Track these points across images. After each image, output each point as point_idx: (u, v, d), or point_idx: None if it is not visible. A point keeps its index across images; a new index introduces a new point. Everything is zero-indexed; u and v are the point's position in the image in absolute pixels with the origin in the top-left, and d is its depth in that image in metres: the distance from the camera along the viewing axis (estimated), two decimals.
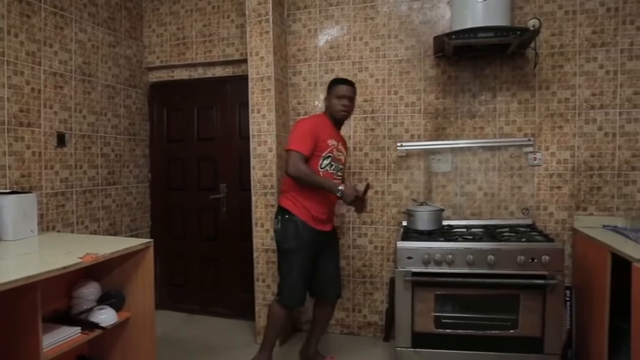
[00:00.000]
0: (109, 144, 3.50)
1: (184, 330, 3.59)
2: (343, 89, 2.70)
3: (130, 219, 3.75)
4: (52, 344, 1.96)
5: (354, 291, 3.44)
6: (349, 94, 2.71)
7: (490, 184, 3.17)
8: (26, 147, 2.79)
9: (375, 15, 3.32)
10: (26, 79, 2.79)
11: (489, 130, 3.16)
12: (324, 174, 2.64)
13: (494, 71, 3.13)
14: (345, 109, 2.71)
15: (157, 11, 3.87)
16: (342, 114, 2.72)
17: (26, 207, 2.45)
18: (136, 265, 2.40)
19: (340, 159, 2.77)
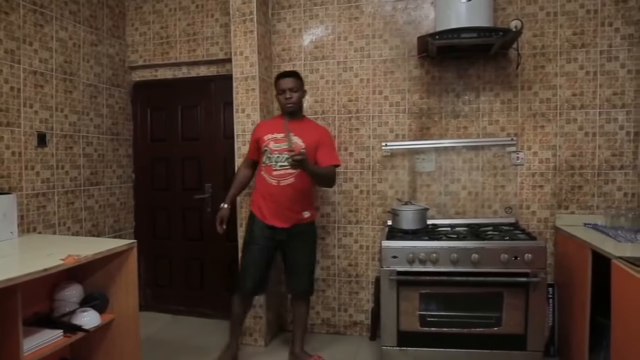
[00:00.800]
0: (92, 144, 3.45)
1: (168, 331, 3.56)
2: (282, 82, 2.80)
3: (114, 219, 3.71)
4: (33, 348, 1.93)
5: (339, 290, 3.44)
6: (289, 86, 2.78)
7: (474, 183, 3.20)
8: (5, 147, 2.74)
9: (359, 15, 3.33)
10: (5, 77, 2.74)
11: (473, 130, 3.19)
12: (265, 168, 2.79)
13: (478, 71, 3.17)
14: (288, 100, 2.78)
15: (140, 9, 3.83)
16: (288, 106, 2.79)
17: (6, 208, 2.40)
18: (120, 267, 2.37)
19: (286, 149, 2.67)
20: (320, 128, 2.94)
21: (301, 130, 2.79)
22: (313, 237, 2.96)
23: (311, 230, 2.94)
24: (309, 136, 2.78)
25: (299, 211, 2.81)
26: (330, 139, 2.92)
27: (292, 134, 2.73)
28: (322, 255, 3.45)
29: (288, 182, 2.73)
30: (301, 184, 2.74)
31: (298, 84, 2.82)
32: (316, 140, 2.78)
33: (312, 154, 2.72)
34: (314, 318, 3.49)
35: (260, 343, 3.27)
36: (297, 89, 2.80)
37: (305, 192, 2.81)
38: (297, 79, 2.83)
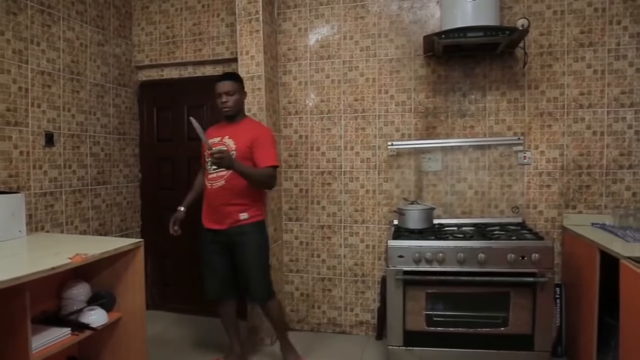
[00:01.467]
0: (99, 144, 3.47)
1: (175, 330, 3.57)
2: (218, 86, 2.72)
3: (120, 218, 3.72)
4: (42, 346, 1.94)
5: (345, 290, 3.44)
6: (224, 90, 2.70)
7: (481, 183, 3.19)
8: (14, 146, 2.76)
9: (365, 15, 3.32)
10: (13, 77, 2.75)
11: (479, 129, 3.18)
12: (205, 174, 2.80)
13: (484, 70, 3.15)
14: (224, 105, 2.71)
15: (146, 9, 3.84)
16: (224, 110, 2.73)
17: (14, 207, 2.42)
18: (126, 266, 2.38)
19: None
20: (258, 128, 2.80)
21: (236, 132, 2.72)
22: (256, 239, 2.75)
23: (253, 232, 2.74)
24: (243, 137, 2.69)
25: (234, 213, 2.69)
26: (266, 138, 2.73)
27: (227, 137, 2.71)
28: (329, 255, 3.45)
29: (219, 184, 2.69)
30: (233, 185, 2.65)
31: (235, 87, 2.72)
32: (250, 140, 2.67)
33: (248, 156, 2.66)
34: (320, 317, 3.50)
35: (266, 342, 3.28)
36: (234, 92, 2.70)
37: (239, 194, 2.67)
38: (235, 82, 2.74)
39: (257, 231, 2.78)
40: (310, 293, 3.52)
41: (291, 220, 3.54)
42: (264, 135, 2.74)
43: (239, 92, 2.76)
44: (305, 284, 3.53)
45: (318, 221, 3.47)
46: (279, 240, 3.46)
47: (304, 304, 3.54)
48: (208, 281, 2.85)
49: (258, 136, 2.70)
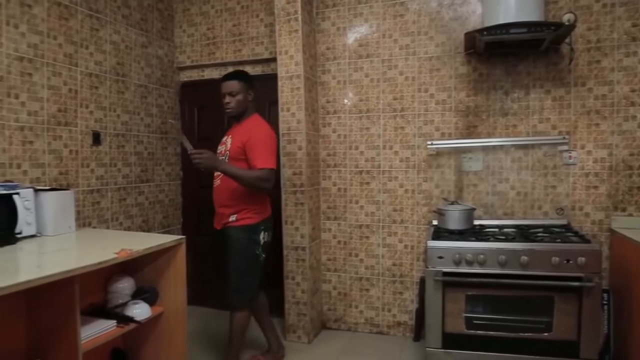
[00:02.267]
0: (142, 143, 3.57)
1: (214, 326, 3.64)
2: (222, 86, 2.68)
3: (163, 215, 3.82)
4: (89, 337, 2.01)
5: (383, 290, 3.42)
6: (227, 90, 2.66)
7: (523, 183, 3.10)
8: (64, 145, 2.87)
9: (404, 12, 3.29)
10: (64, 79, 2.87)
11: (522, 129, 3.09)
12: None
13: (527, 68, 3.06)
14: (227, 106, 2.67)
15: (187, 12, 3.93)
16: (227, 111, 2.70)
17: (64, 203, 2.52)
18: (169, 262, 2.44)
19: (220, 152, 2.73)
20: (255, 128, 2.65)
21: (237, 132, 2.69)
22: (237, 243, 2.65)
23: (237, 235, 2.64)
24: (239, 137, 2.64)
25: (227, 213, 2.67)
26: (260, 139, 2.59)
27: (230, 137, 2.70)
28: (367, 254, 3.44)
29: (217, 183, 2.71)
30: (226, 186, 2.63)
31: (239, 87, 2.66)
32: (243, 141, 2.59)
33: (240, 156, 2.60)
34: (357, 317, 3.49)
35: (303, 340, 3.29)
36: (237, 92, 2.65)
37: (231, 195, 2.63)
38: (240, 81, 2.67)
39: (242, 235, 2.65)
40: (347, 292, 3.52)
41: (329, 220, 3.54)
42: (258, 136, 2.61)
43: (243, 92, 2.68)
44: (343, 283, 3.53)
45: (356, 220, 3.47)
46: (317, 239, 3.47)
47: (341, 303, 3.54)
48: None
49: (251, 137, 2.59)
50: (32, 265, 1.95)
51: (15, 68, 2.56)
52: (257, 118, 2.77)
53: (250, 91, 2.73)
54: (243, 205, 2.65)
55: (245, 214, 2.66)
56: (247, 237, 2.66)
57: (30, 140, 2.65)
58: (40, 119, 2.71)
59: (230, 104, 2.67)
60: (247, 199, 2.64)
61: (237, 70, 2.86)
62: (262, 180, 2.54)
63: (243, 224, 2.65)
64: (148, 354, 2.55)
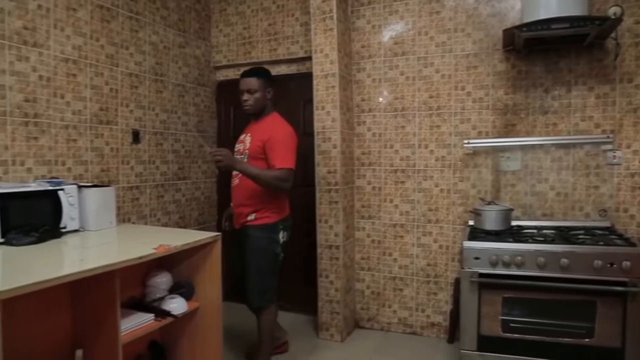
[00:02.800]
0: (179, 141, 3.65)
1: (248, 322, 3.66)
2: (241, 83, 2.68)
3: (199, 212, 3.90)
4: (129, 329, 2.07)
5: (417, 290, 3.38)
6: (245, 87, 2.65)
7: (564, 184, 3.00)
8: (105, 143, 2.97)
9: (440, 9, 3.24)
10: (106, 79, 2.96)
11: (563, 127, 2.99)
12: None
13: (569, 64, 2.97)
14: (245, 103, 2.67)
15: (224, 12, 3.98)
16: (245, 109, 2.69)
17: (106, 199, 2.60)
18: (205, 258, 2.48)
19: (238, 150, 2.74)
20: (275, 127, 2.65)
21: (255, 130, 2.70)
22: (257, 242, 2.65)
23: (256, 235, 2.65)
24: (257, 136, 2.63)
25: (245, 213, 2.68)
26: (280, 139, 2.58)
27: (248, 135, 2.71)
28: (400, 254, 3.41)
29: (235, 182, 2.72)
30: (244, 185, 2.63)
31: (259, 84, 2.65)
32: (263, 140, 2.59)
33: (259, 155, 2.61)
34: (391, 316, 3.47)
35: (336, 338, 3.30)
36: (256, 89, 2.64)
37: (250, 194, 2.63)
38: (259, 78, 2.66)
39: (261, 234, 2.66)
40: (381, 292, 3.50)
41: (363, 218, 3.53)
42: (278, 135, 2.59)
43: (263, 89, 2.67)
44: (376, 282, 3.51)
45: (390, 220, 3.44)
46: (351, 238, 3.46)
47: (375, 302, 3.52)
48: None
49: (271, 136, 2.58)
50: (76, 259, 2.02)
51: (62, 69, 2.66)
52: (277, 116, 2.76)
53: (269, 89, 2.71)
54: (262, 205, 2.65)
55: (264, 213, 2.66)
56: (266, 237, 2.66)
57: (74, 139, 2.75)
58: (83, 118, 2.81)
59: (248, 102, 2.66)
60: (266, 198, 2.64)
61: (257, 67, 2.86)
62: (281, 180, 2.53)
63: (262, 223, 2.66)
64: (184, 347, 2.60)
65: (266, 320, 2.74)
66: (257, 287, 2.68)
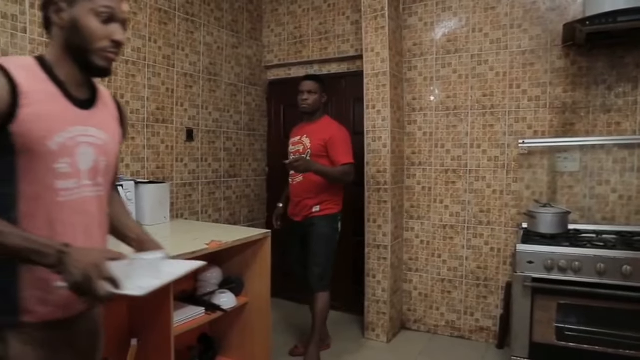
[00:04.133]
0: (231, 139, 3.74)
1: (295, 318, 3.72)
2: (302, 84, 2.97)
3: (248, 210, 3.98)
4: (181, 321, 2.15)
5: (466, 293, 3.31)
6: (307, 88, 2.94)
7: (627, 186, 2.84)
8: (161, 141, 3.08)
9: (496, 5, 3.14)
10: (162, 80, 3.08)
11: (627, 126, 2.83)
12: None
13: (636, 59, 2.79)
14: (304, 102, 2.94)
15: (275, 12, 4.04)
16: (303, 106, 2.96)
17: (161, 195, 2.71)
18: (255, 254, 2.54)
19: (297, 150, 2.97)
20: (333, 126, 2.96)
21: (313, 131, 2.95)
22: (324, 231, 2.91)
23: (322, 225, 2.91)
24: (318, 137, 2.90)
25: (309, 206, 2.92)
26: (341, 137, 2.90)
27: (305, 136, 2.96)
28: (450, 256, 3.35)
29: (298, 180, 2.95)
30: (309, 181, 2.87)
31: (317, 87, 2.95)
32: (325, 140, 2.87)
33: (321, 153, 2.87)
34: (438, 319, 3.41)
35: (382, 339, 3.28)
36: (315, 91, 2.94)
37: (314, 189, 2.89)
38: (317, 83, 2.97)
39: (326, 224, 2.93)
40: (429, 293, 3.45)
41: (412, 219, 3.49)
42: (339, 135, 2.91)
43: (320, 92, 2.97)
44: (424, 283, 3.46)
45: (440, 220, 3.38)
46: (399, 238, 3.43)
47: (422, 304, 3.47)
48: (292, 268, 3.12)
49: (332, 135, 2.88)
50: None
51: (122, 70, 2.79)
52: (330, 118, 3.07)
53: (324, 94, 3.02)
54: (325, 197, 2.92)
55: (327, 205, 2.93)
56: (330, 226, 2.94)
57: (133, 137, 2.88)
58: (141, 117, 2.93)
59: (307, 101, 2.95)
60: (329, 191, 2.93)
61: (316, 74, 3.24)
62: (347, 174, 2.88)
63: (326, 214, 2.93)
64: (233, 341, 2.67)
65: (322, 304, 2.93)
66: (321, 272, 2.92)
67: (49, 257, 0.98)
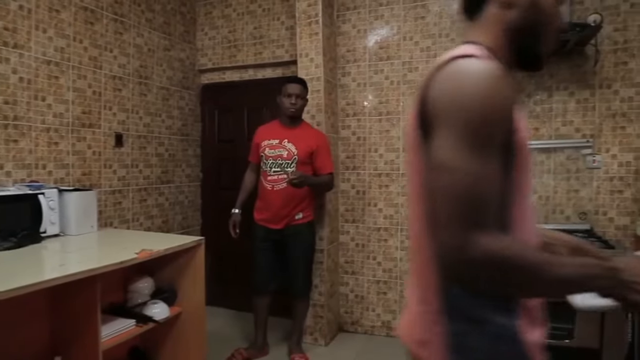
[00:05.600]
0: (163, 144, 3.63)
1: (232, 326, 3.66)
2: (290, 87, 2.89)
3: (182, 216, 3.87)
4: (110, 335, 2.05)
5: (401, 294, 3.40)
6: (296, 92, 2.88)
7: (545, 187, 3.04)
8: (87, 147, 2.94)
9: (426, 15, 3.27)
10: (89, 82, 2.94)
11: (544, 131, 3.04)
12: (262, 173, 2.95)
13: (550, 70, 3.01)
14: (292, 106, 2.88)
15: (209, 15, 3.97)
16: (291, 111, 2.89)
17: (87, 204, 2.57)
18: (188, 262, 2.47)
19: (280, 155, 2.89)
20: (317, 134, 2.99)
21: (296, 137, 2.90)
22: (308, 238, 3.01)
23: (306, 232, 2.98)
24: (304, 143, 2.88)
25: (292, 214, 2.91)
26: (326, 145, 2.98)
27: (286, 141, 2.89)
28: (384, 257, 3.43)
29: (281, 187, 2.87)
30: (293, 189, 2.81)
31: (304, 92, 2.93)
32: (311, 146, 2.89)
33: (307, 160, 2.89)
34: (374, 320, 3.47)
35: (320, 342, 3.29)
36: (302, 96, 2.91)
37: (298, 196, 2.88)
38: (305, 88, 2.94)
39: (309, 231, 3.02)
40: (365, 295, 3.51)
41: (347, 222, 3.54)
42: (324, 143, 2.97)
43: (305, 97, 2.96)
44: (360, 286, 3.52)
45: (374, 223, 3.45)
46: (335, 242, 3.46)
47: (359, 306, 3.53)
48: (257, 275, 3.02)
49: (319, 144, 2.92)
50: (56, 264, 2.00)
51: (43, 71, 2.63)
52: (308, 123, 3.09)
53: (307, 98, 3.00)
54: (306, 204, 2.96)
55: (308, 212, 2.99)
56: (312, 232, 3.05)
57: (56, 142, 2.72)
58: (65, 121, 2.78)
59: (296, 105, 2.89)
60: (309, 198, 2.98)
61: (302, 78, 3.08)
62: (331, 184, 3.04)
63: (308, 221, 2.99)
64: (166, 353, 2.58)
65: (306, 308, 3.11)
66: (306, 278, 3.04)
67: (603, 280, 0.80)
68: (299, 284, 3.00)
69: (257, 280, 3.02)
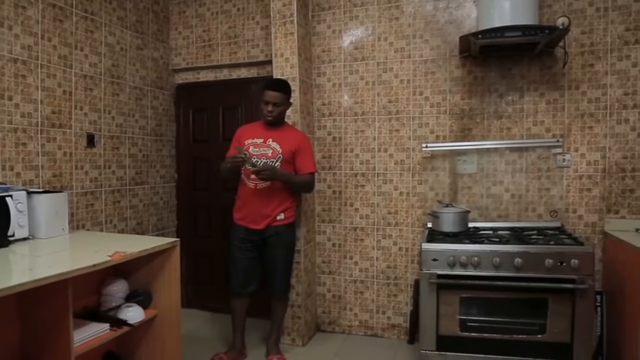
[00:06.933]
0: (137, 145, 3.56)
1: (208, 328, 3.63)
2: (267, 94, 2.81)
3: (157, 218, 3.81)
4: (82, 340, 2.00)
5: (377, 292, 3.42)
6: (272, 100, 2.80)
7: (518, 186, 3.11)
8: (58, 147, 2.86)
9: (400, 16, 3.30)
10: (58, 81, 2.86)
11: (516, 131, 3.10)
12: (244, 172, 2.86)
13: (522, 71, 3.08)
14: (269, 114, 2.82)
15: (183, 14, 3.93)
16: (268, 118, 2.85)
17: (58, 206, 2.50)
18: (163, 264, 2.43)
19: (264, 154, 2.84)
20: (300, 135, 2.97)
21: (281, 137, 2.87)
22: (289, 239, 2.99)
23: (287, 233, 2.96)
24: (288, 143, 2.86)
25: (273, 214, 2.87)
26: (308, 145, 2.96)
27: (271, 140, 2.85)
28: (361, 257, 3.44)
29: (263, 185, 2.82)
30: (275, 187, 2.82)
31: (283, 99, 2.83)
32: (294, 146, 2.86)
33: (290, 160, 2.86)
34: (352, 319, 3.49)
35: (298, 343, 3.29)
36: (280, 104, 2.83)
37: (280, 196, 2.86)
38: (284, 94, 2.84)
39: (291, 232, 2.99)
40: (342, 295, 3.52)
41: (324, 222, 3.54)
42: (306, 142, 2.95)
43: (285, 104, 2.88)
44: (337, 285, 3.53)
45: (351, 223, 3.47)
46: (311, 242, 3.47)
47: (336, 305, 3.54)
48: (235, 275, 2.99)
49: (301, 144, 2.89)
50: (25, 269, 1.94)
51: (9, 70, 2.55)
52: (290, 124, 3.07)
53: (289, 101, 2.93)
54: (288, 204, 2.93)
55: (290, 212, 2.95)
56: (293, 233, 3.03)
57: (24, 142, 2.64)
58: (34, 121, 2.70)
59: (272, 113, 2.82)
60: (291, 198, 2.95)
61: (281, 81, 2.97)
62: (313, 183, 3.02)
63: (290, 222, 2.96)
64: (141, 357, 2.54)
65: (285, 308, 3.15)
66: (286, 279, 3.05)
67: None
68: (278, 284, 2.99)
69: (235, 282, 2.98)
